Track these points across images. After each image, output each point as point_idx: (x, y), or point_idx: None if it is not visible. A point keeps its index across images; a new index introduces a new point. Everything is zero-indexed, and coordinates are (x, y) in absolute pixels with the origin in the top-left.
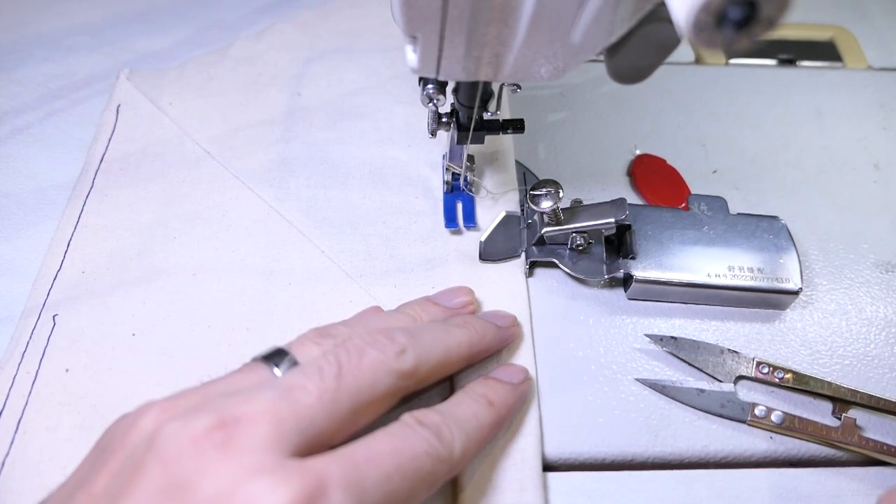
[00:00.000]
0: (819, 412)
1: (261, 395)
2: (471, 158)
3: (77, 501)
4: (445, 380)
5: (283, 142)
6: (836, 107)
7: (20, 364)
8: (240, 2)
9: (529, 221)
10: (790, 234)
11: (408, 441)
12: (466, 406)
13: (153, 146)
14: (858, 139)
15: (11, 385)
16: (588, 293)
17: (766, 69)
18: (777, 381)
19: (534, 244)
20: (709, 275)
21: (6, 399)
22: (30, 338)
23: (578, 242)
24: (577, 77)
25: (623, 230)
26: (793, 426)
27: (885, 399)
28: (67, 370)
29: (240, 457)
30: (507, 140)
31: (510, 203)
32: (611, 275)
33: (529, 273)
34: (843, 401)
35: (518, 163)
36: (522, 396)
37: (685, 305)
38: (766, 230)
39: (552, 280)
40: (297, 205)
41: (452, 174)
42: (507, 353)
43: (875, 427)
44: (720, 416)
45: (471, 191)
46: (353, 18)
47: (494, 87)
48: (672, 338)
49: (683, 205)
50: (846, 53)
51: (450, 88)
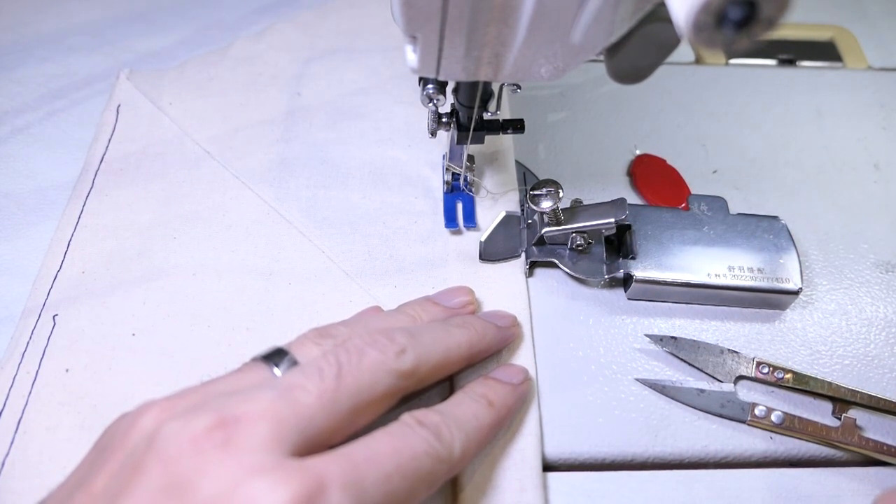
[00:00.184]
0: (819, 412)
1: (261, 395)
2: (471, 158)
3: (76, 501)
4: (445, 380)
5: (283, 142)
6: (836, 107)
7: (20, 364)
8: (240, 2)
9: (529, 221)
10: (790, 234)
11: (407, 441)
12: (466, 406)
13: (153, 146)
14: (858, 139)
15: (11, 385)
16: (588, 293)
17: (766, 69)
18: (777, 381)
19: (534, 244)
20: (709, 275)
21: (6, 399)
22: (30, 338)
23: (578, 242)
24: (577, 77)
25: (623, 230)
26: (793, 426)
27: (885, 399)
28: (67, 370)
29: (239, 456)
30: (507, 140)
31: (510, 203)
32: (611, 275)
33: (529, 273)
34: (843, 401)
35: (518, 163)
36: (522, 397)
37: (685, 305)
38: (766, 230)
39: (552, 280)
40: (297, 205)
41: (452, 174)
42: (508, 353)
43: (875, 427)
44: (720, 416)
45: (471, 191)
46: (353, 18)
47: (494, 87)
48: (672, 338)
49: (683, 205)
50: (846, 53)
51: (450, 88)
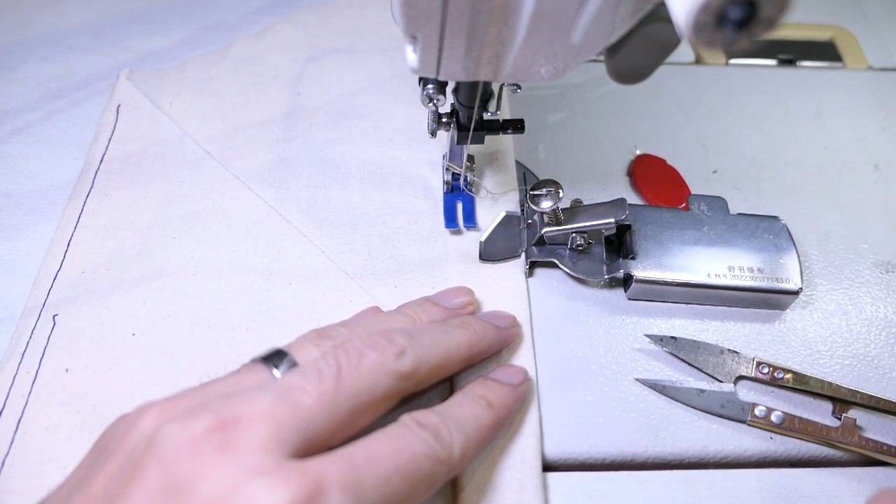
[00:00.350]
0: (819, 412)
1: (260, 396)
2: (471, 158)
3: (75, 502)
4: (445, 380)
5: (283, 142)
6: (836, 107)
7: (20, 364)
8: (240, 2)
9: (529, 221)
10: (790, 235)
11: (407, 442)
12: (465, 407)
13: (153, 146)
14: (858, 139)
15: (11, 385)
16: (588, 293)
17: (766, 69)
18: (777, 382)
19: (534, 244)
20: (709, 275)
21: (6, 399)
22: (30, 338)
23: (578, 242)
24: (577, 77)
25: (623, 230)
26: (793, 426)
27: (885, 399)
28: (67, 370)
29: (238, 458)
30: (507, 140)
31: (510, 203)
32: (611, 275)
33: (529, 273)
34: (843, 401)
35: (518, 163)
36: (522, 397)
37: (685, 305)
38: (766, 230)
39: (552, 280)
40: (297, 205)
41: (452, 174)
42: (507, 354)
43: (875, 427)
44: (720, 417)
45: (471, 191)
46: (354, 18)
47: (494, 87)
48: (672, 338)
49: (683, 205)
50: (846, 53)
51: (450, 88)
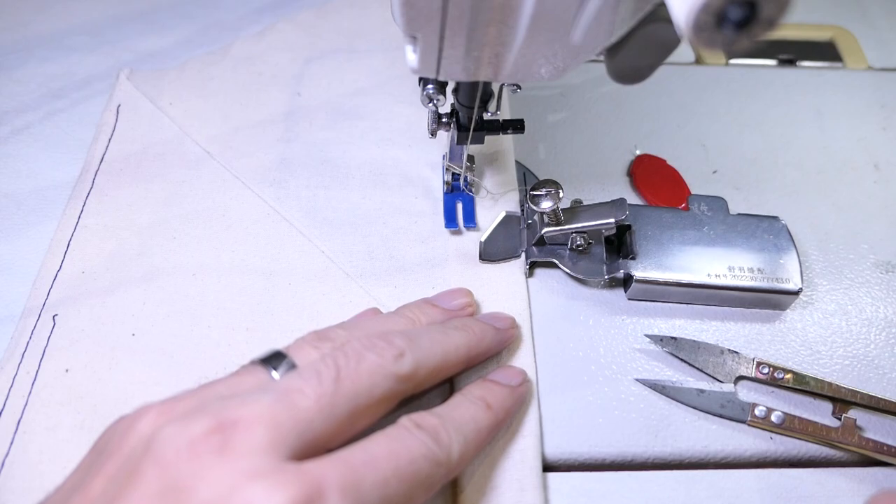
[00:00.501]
0: (819, 412)
1: (258, 399)
2: (471, 158)
3: None
4: (446, 381)
5: (283, 142)
6: (836, 107)
7: (20, 364)
8: (240, 2)
9: (529, 222)
10: (790, 235)
11: (405, 444)
12: (464, 409)
13: (153, 146)
14: (858, 139)
15: (11, 385)
16: (588, 293)
17: (766, 69)
18: (777, 382)
19: (534, 244)
20: (709, 275)
21: (6, 399)
22: (30, 338)
23: (578, 243)
24: (577, 77)
25: (623, 230)
26: (793, 426)
27: (885, 399)
28: (67, 370)
29: (237, 460)
30: (507, 140)
31: (510, 203)
32: (611, 275)
33: (529, 273)
34: (843, 401)
35: (518, 163)
36: (520, 399)
37: (685, 306)
38: (767, 230)
39: (552, 280)
40: (297, 205)
41: (452, 174)
42: (507, 354)
43: (875, 427)
44: (720, 417)
45: (471, 191)
46: (354, 18)
47: (494, 88)
48: (672, 338)
49: (683, 205)
50: (846, 53)
51: (450, 88)
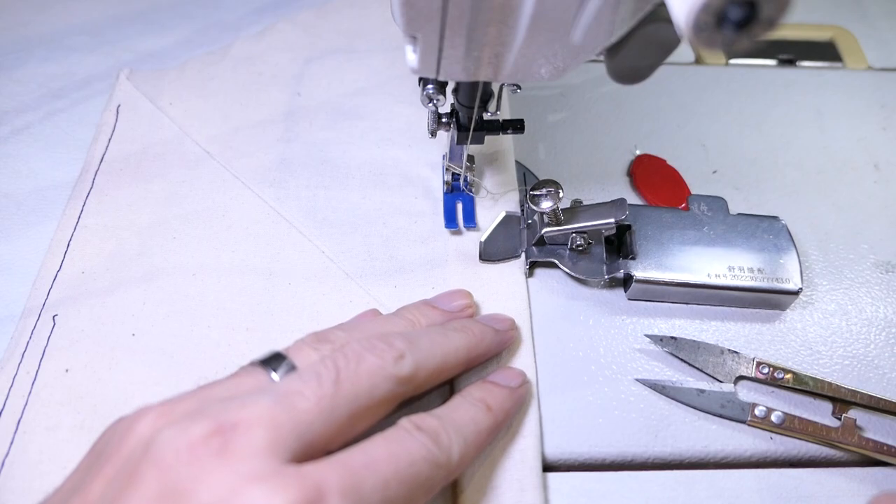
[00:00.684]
0: (819, 412)
1: (258, 401)
2: (471, 158)
3: None
4: (446, 383)
5: (283, 142)
6: (836, 107)
7: (20, 364)
8: (240, 2)
9: (529, 222)
10: (790, 235)
11: (405, 446)
12: (464, 410)
13: (153, 146)
14: (858, 139)
15: (11, 385)
16: (588, 293)
17: (766, 69)
18: (777, 382)
19: (534, 244)
20: (709, 275)
21: (6, 399)
22: (30, 338)
23: (578, 243)
24: (577, 77)
25: (623, 230)
26: (793, 426)
27: (885, 399)
28: (67, 370)
29: (236, 463)
30: (507, 140)
31: (510, 203)
32: (611, 275)
33: (529, 273)
34: (843, 401)
35: (518, 163)
36: (520, 400)
37: (685, 306)
38: (767, 230)
39: (552, 280)
40: (297, 205)
41: (452, 174)
42: (508, 355)
43: (875, 427)
44: (720, 417)
45: (471, 191)
46: (353, 18)
47: (494, 88)
48: (672, 338)
49: (683, 205)
50: (846, 53)
51: (450, 88)
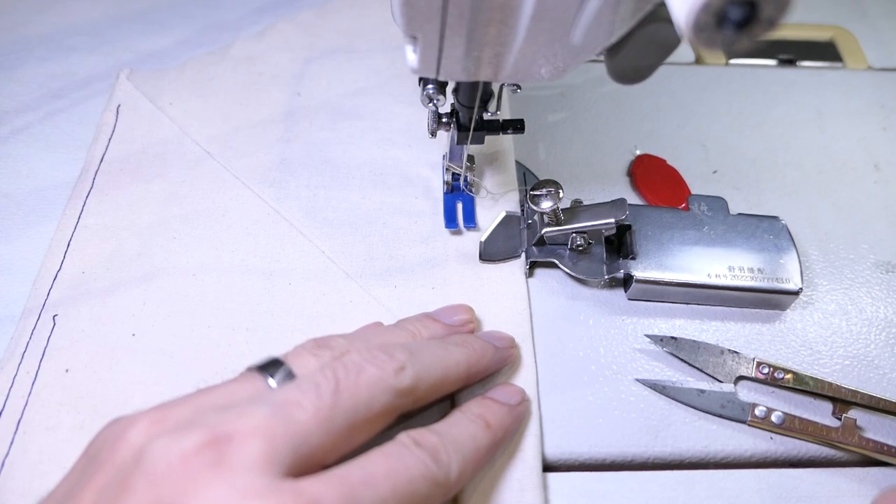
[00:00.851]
0: (819, 412)
1: (254, 411)
2: (471, 158)
3: None
4: (446, 398)
5: (283, 142)
6: (836, 107)
7: (20, 364)
8: (240, 2)
9: (529, 222)
10: (790, 235)
11: (404, 463)
12: (464, 427)
13: (153, 146)
14: (858, 139)
15: (11, 385)
16: (588, 293)
17: (766, 69)
18: (777, 382)
19: (534, 244)
20: (709, 275)
21: (6, 399)
22: (30, 338)
23: (578, 243)
24: (577, 77)
25: (623, 230)
26: (793, 426)
27: (885, 399)
28: (67, 370)
29: (231, 478)
30: (507, 140)
31: (510, 203)
32: (611, 275)
33: (529, 273)
34: (844, 401)
35: (518, 163)
36: (519, 418)
37: (685, 306)
38: (767, 230)
39: (552, 280)
40: (297, 205)
41: (452, 174)
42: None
43: (875, 427)
44: (720, 417)
45: (471, 191)
46: (354, 18)
47: (494, 88)
48: (672, 338)
49: (683, 205)
50: (846, 54)
51: (450, 88)
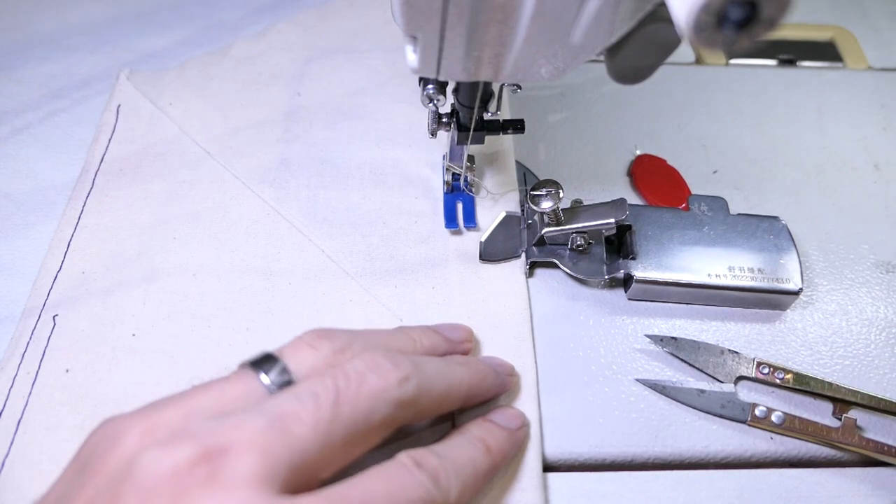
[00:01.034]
0: (819, 413)
1: (249, 423)
2: (471, 158)
3: None
4: (446, 418)
5: (283, 142)
6: (836, 107)
7: (20, 364)
8: (240, 2)
9: (530, 222)
10: (790, 235)
11: (404, 484)
12: (464, 450)
13: (153, 146)
14: (858, 139)
15: (11, 385)
16: (588, 293)
17: (767, 69)
18: (777, 382)
19: (534, 244)
20: (709, 275)
21: (6, 399)
22: (30, 338)
23: (579, 243)
24: (577, 77)
25: (623, 230)
26: (793, 427)
27: (886, 399)
28: (67, 370)
29: (224, 495)
30: (507, 140)
31: (510, 203)
32: (611, 275)
33: (530, 273)
34: (844, 401)
35: (518, 163)
36: (518, 443)
37: (685, 306)
38: (767, 230)
39: (552, 280)
40: (297, 205)
41: (452, 174)
42: (507, 358)
43: (875, 427)
44: (720, 417)
45: (471, 191)
46: (354, 18)
47: (494, 88)
48: (672, 338)
49: (684, 205)
50: (846, 53)
51: (450, 88)
